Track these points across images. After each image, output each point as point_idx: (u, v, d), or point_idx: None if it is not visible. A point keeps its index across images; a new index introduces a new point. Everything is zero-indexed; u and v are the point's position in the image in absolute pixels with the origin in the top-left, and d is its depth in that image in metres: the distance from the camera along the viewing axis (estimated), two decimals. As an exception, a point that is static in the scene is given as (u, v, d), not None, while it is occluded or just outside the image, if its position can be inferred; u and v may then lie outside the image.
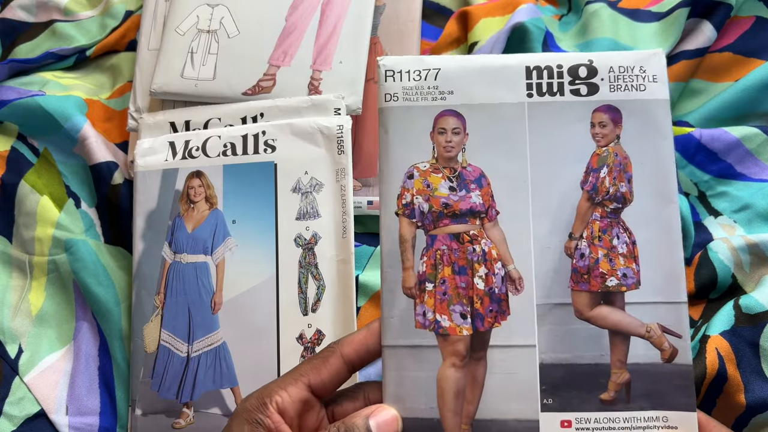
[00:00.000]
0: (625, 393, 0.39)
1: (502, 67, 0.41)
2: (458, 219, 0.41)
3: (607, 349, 0.39)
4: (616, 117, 0.41)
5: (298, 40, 0.59)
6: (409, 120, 0.41)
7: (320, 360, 0.39)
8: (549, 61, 0.41)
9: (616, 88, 0.41)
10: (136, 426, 0.52)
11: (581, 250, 0.41)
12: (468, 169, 0.41)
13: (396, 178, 0.41)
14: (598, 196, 0.41)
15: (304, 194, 0.54)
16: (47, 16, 0.71)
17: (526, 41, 0.59)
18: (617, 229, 0.41)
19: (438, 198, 0.41)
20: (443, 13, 0.68)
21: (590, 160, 0.41)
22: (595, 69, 0.41)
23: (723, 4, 0.58)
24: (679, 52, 0.59)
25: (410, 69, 0.42)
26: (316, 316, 0.52)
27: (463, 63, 0.42)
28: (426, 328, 0.40)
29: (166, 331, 0.53)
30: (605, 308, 0.40)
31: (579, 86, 0.41)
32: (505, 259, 0.41)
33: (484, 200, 0.41)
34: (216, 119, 0.57)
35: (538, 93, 0.41)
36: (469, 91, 0.41)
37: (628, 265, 0.40)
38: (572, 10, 0.67)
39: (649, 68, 0.41)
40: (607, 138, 0.41)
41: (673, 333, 0.39)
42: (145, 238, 0.55)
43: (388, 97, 0.42)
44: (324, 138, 0.54)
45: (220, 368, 0.52)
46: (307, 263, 0.53)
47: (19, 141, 0.64)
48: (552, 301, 0.40)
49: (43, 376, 0.57)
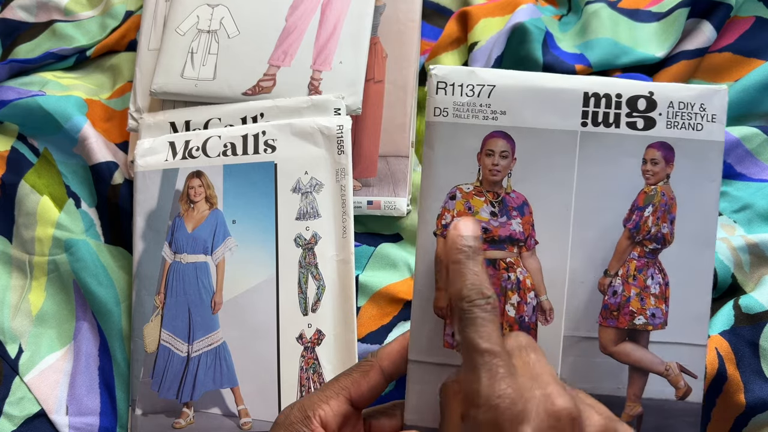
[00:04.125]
0: (637, 424, 0.40)
1: (560, 91, 0.39)
2: (496, 245, 0.40)
3: (625, 383, 0.40)
4: (669, 156, 0.40)
5: (298, 40, 0.59)
6: (458, 138, 0.40)
7: (360, 373, 0.40)
8: (608, 89, 0.40)
9: (673, 125, 0.40)
10: (136, 426, 0.52)
11: (615, 287, 0.40)
12: (512, 195, 0.40)
13: (438, 198, 0.40)
14: (639, 235, 0.40)
15: (304, 194, 0.54)
16: (47, 16, 0.71)
17: (526, 41, 0.59)
18: (653, 269, 0.40)
19: (479, 222, 0.40)
20: (443, 13, 0.68)
21: (637, 198, 0.40)
22: (654, 102, 0.39)
23: (723, 4, 0.58)
24: (679, 52, 0.59)
25: (463, 83, 0.40)
26: (316, 316, 0.52)
27: (520, 81, 0.40)
28: (454, 348, 0.39)
29: (166, 331, 0.53)
30: (629, 345, 0.41)
31: (636, 119, 0.40)
32: (538, 289, 0.40)
33: (524, 229, 0.40)
34: (216, 119, 0.57)
35: (593, 122, 0.40)
36: (522, 113, 0.39)
37: (658, 306, 0.40)
38: (572, 10, 0.67)
39: (710, 107, 0.40)
40: (657, 176, 0.40)
41: (690, 373, 0.40)
42: (145, 238, 0.55)
43: (438, 111, 0.40)
44: (324, 138, 0.54)
45: (220, 368, 0.52)
46: (307, 263, 0.53)
47: (20, 141, 0.64)
48: (579, 334, 0.40)
49: (43, 376, 0.57)
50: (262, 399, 0.51)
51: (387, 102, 0.59)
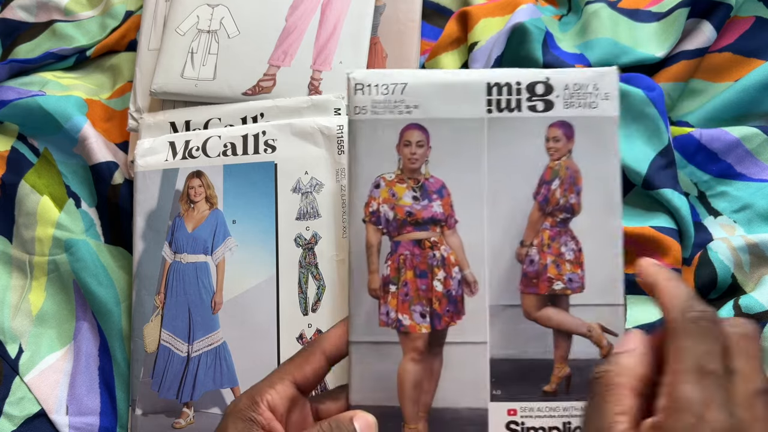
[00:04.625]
0: (566, 385, 0.43)
1: (465, 83, 0.44)
2: (420, 227, 0.44)
3: (551, 346, 0.43)
4: (569, 133, 0.44)
5: (298, 40, 0.59)
6: (377, 132, 0.44)
7: (303, 357, 0.42)
8: (508, 78, 0.44)
9: (569, 105, 0.44)
10: (136, 426, 0.52)
11: (531, 256, 0.44)
12: (430, 180, 0.44)
13: (364, 188, 0.44)
14: (549, 206, 0.44)
15: (304, 194, 0.54)
16: (47, 16, 0.71)
17: (525, 42, 0.59)
18: (566, 237, 0.44)
19: (402, 207, 0.44)
20: (443, 13, 0.68)
21: (543, 173, 0.44)
22: (551, 86, 0.44)
23: (723, 4, 0.58)
24: (679, 52, 0.59)
25: (379, 83, 0.44)
26: (317, 316, 0.52)
27: (429, 78, 0.44)
28: (389, 326, 0.43)
29: (166, 331, 0.53)
30: (551, 309, 0.44)
31: (536, 102, 0.44)
32: (461, 264, 0.44)
33: (444, 209, 0.44)
34: (216, 119, 0.57)
35: (497, 109, 0.44)
36: (433, 105, 0.44)
37: (574, 271, 0.44)
38: (572, 10, 0.67)
39: (603, 86, 0.44)
40: (560, 152, 0.44)
41: (611, 332, 0.43)
42: (145, 237, 0.55)
43: (357, 110, 0.44)
44: (324, 138, 0.54)
45: (220, 368, 0.52)
46: (307, 263, 0.53)
47: (20, 141, 0.64)
48: (503, 303, 0.43)
49: (44, 376, 0.57)
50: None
51: (387, 102, 0.59)
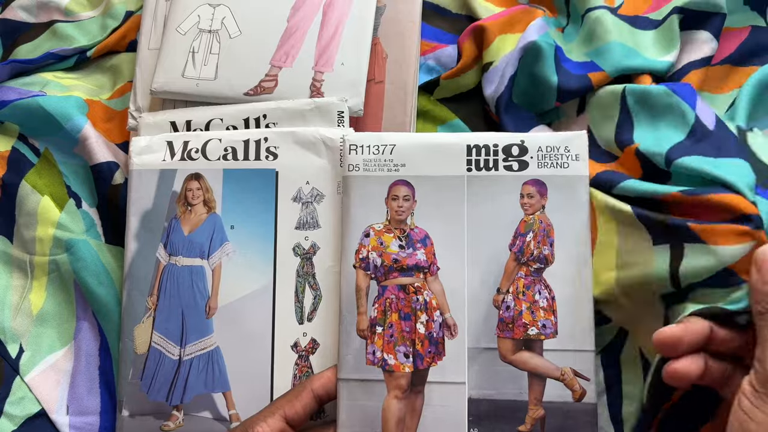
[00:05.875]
0: (540, 426, 0.46)
1: (447, 145, 0.49)
2: (405, 273, 0.48)
3: (526, 388, 0.46)
4: (542, 190, 0.48)
5: (299, 41, 0.59)
6: (368, 187, 0.49)
7: (294, 394, 0.46)
8: (487, 141, 0.49)
9: (543, 165, 0.48)
10: (122, 427, 0.52)
11: (507, 303, 0.47)
12: (415, 231, 0.49)
13: (355, 236, 0.49)
14: (524, 257, 0.47)
15: (305, 204, 0.54)
16: (48, 17, 0.71)
17: (539, 59, 0.58)
18: (539, 285, 0.47)
19: (389, 254, 0.48)
20: (443, 14, 0.68)
21: (518, 226, 0.48)
22: (525, 148, 0.48)
23: (717, 14, 0.58)
24: (688, 63, 0.58)
25: (370, 144, 0.50)
26: (312, 325, 0.52)
27: (415, 140, 0.50)
28: (375, 364, 0.47)
29: (158, 333, 0.53)
30: (526, 353, 0.47)
31: (512, 162, 0.48)
32: (443, 308, 0.48)
33: (427, 258, 0.48)
34: (218, 120, 0.57)
35: (476, 168, 0.48)
36: (418, 164, 0.49)
37: (547, 318, 0.47)
38: (571, 19, 0.66)
39: (573, 148, 0.48)
40: (533, 207, 0.48)
41: (583, 377, 0.46)
42: (138, 237, 0.54)
43: (351, 167, 0.50)
44: (327, 149, 0.54)
45: (212, 372, 0.52)
46: (304, 272, 0.53)
47: (20, 141, 0.64)
48: (481, 346, 0.47)
49: (44, 376, 0.57)
50: (254, 405, 0.50)
51: (387, 102, 0.59)
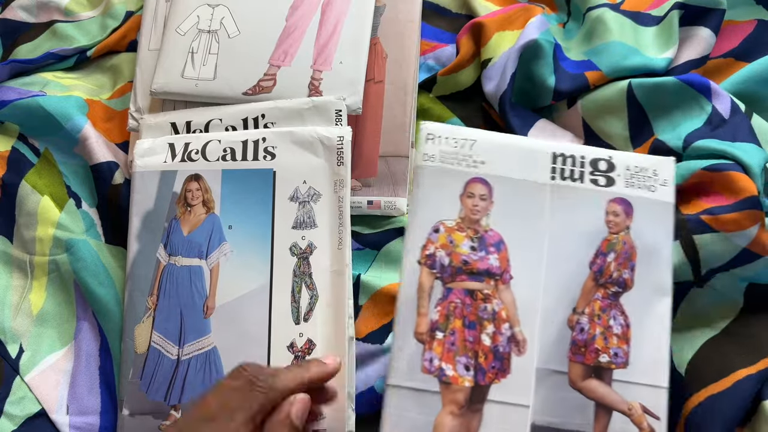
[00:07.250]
0: None
1: (532, 149, 0.46)
2: (475, 277, 0.44)
3: (592, 419, 0.42)
4: (629, 210, 0.45)
5: (298, 40, 0.59)
6: (443, 180, 0.45)
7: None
8: (573, 151, 0.46)
9: (630, 185, 0.45)
10: (122, 425, 0.53)
11: (582, 324, 0.44)
12: (489, 233, 0.45)
13: (423, 230, 0.44)
14: (603, 278, 0.44)
15: (302, 203, 0.54)
16: (48, 17, 0.71)
17: (538, 57, 0.58)
18: (615, 310, 0.44)
19: (459, 254, 0.44)
20: (443, 13, 0.68)
21: (601, 244, 0.44)
22: (613, 164, 0.46)
23: (716, 10, 0.58)
24: (687, 61, 0.58)
25: (449, 136, 0.46)
26: (308, 325, 0.52)
27: (497, 140, 0.46)
28: (431, 373, 0.42)
29: (157, 333, 0.53)
30: (595, 381, 0.43)
31: (598, 177, 0.45)
32: (513, 321, 0.43)
33: (501, 264, 0.44)
34: (217, 120, 0.57)
35: (561, 177, 0.45)
36: (499, 164, 0.45)
37: (620, 346, 0.43)
38: (572, 16, 0.66)
39: (661, 172, 0.45)
40: (618, 227, 0.45)
41: (653, 415, 0.42)
42: (140, 238, 0.55)
43: (426, 157, 0.46)
44: (324, 148, 0.54)
45: (210, 372, 0.52)
46: (301, 272, 0.53)
47: (20, 141, 0.64)
48: (550, 368, 0.43)
49: (44, 376, 0.57)
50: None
51: (387, 102, 0.59)
